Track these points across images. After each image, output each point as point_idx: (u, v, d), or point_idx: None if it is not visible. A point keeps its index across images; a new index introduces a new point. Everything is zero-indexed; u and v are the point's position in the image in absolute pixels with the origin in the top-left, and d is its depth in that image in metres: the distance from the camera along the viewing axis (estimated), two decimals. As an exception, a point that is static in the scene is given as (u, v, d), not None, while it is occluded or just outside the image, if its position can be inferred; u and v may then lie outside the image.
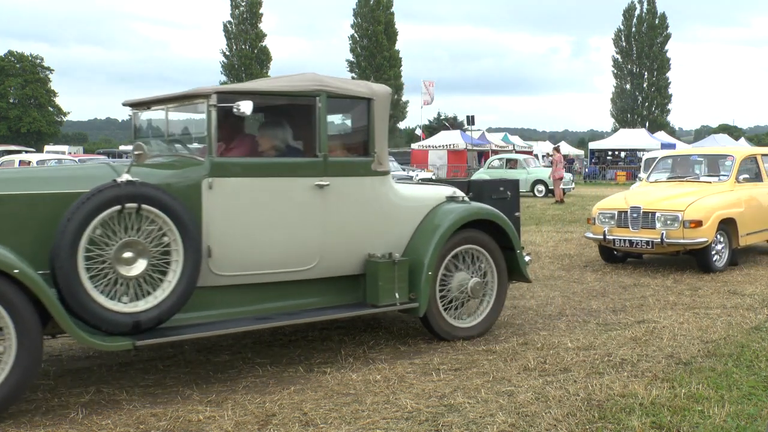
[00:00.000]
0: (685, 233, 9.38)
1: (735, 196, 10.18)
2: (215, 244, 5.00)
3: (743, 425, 4.20)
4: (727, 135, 60.01)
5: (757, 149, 12.45)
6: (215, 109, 4.98)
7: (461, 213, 6.04)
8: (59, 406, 4.57)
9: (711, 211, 9.50)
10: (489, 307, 6.31)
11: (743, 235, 10.06)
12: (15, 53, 74.73)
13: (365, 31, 73.21)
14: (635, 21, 76.14)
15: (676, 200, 9.77)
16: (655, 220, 9.54)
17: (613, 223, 9.92)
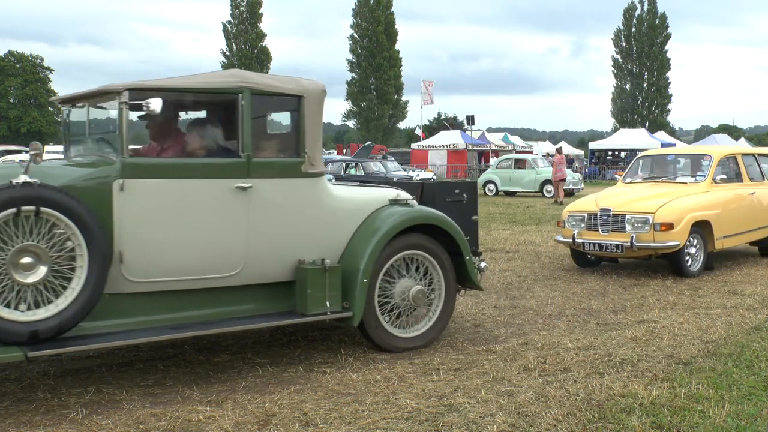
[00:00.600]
0: (656, 236, 9.00)
1: (711, 197, 9.78)
2: (128, 249, 4.73)
3: (743, 425, 4.20)
4: (727, 135, 60.03)
5: (736, 149, 12.08)
6: (127, 107, 4.72)
7: (401, 217, 5.68)
8: (59, 406, 4.57)
9: (683, 213, 9.14)
10: (436, 316, 5.97)
11: (720, 238, 9.66)
12: (15, 53, 74.76)
13: (365, 31, 73.23)
14: (635, 21, 76.17)
15: (647, 202, 9.39)
16: (626, 222, 9.17)
17: (583, 226, 9.56)
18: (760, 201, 10.69)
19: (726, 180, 10.29)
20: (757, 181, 10.92)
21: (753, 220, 10.49)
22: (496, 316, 7.11)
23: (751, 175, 10.82)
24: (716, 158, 10.31)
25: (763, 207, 10.73)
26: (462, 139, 47.84)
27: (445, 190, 6.70)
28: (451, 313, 6.16)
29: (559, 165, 25.13)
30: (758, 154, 11.68)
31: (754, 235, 10.62)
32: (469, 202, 6.76)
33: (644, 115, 76.04)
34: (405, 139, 74.51)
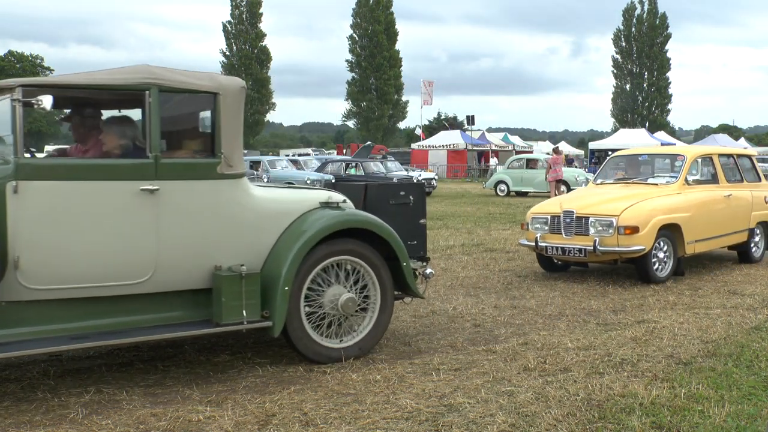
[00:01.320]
0: (620, 240, 8.53)
1: (682, 199, 9.32)
2: (24, 255, 4.46)
3: (743, 425, 4.20)
4: (727, 135, 60.03)
5: (713, 149, 11.56)
6: (20, 104, 4.42)
7: (329, 221, 5.34)
8: (59, 406, 4.57)
9: (650, 215, 8.70)
10: (371, 325, 5.63)
11: (690, 243, 9.19)
12: (15, 53, 74.82)
13: (365, 31, 73.26)
14: (635, 21, 76.17)
15: (611, 204, 8.94)
16: (589, 225, 8.72)
17: (546, 228, 9.11)
18: (737, 203, 10.22)
19: (700, 181, 9.87)
20: (736, 183, 10.51)
21: (729, 223, 10.00)
22: (496, 316, 7.11)
23: (728, 177, 10.43)
24: (690, 159, 9.84)
25: (740, 210, 10.28)
26: (462, 139, 47.88)
27: (389, 193, 6.28)
28: (389, 321, 5.79)
29: (555, 165, 25.01)
30: (737, 154, 11.28)
31: (730, 239, 10.15)
32: (416, 204, 6.34)
33: (644, 115, 76.06)
34: (405, 139, 74.54)
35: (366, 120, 74.54)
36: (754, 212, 10.51)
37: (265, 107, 73.71)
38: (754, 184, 10.89)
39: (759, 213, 10.65)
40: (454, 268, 9.94)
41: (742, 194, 10.40)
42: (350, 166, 27.28)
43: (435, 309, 7.39)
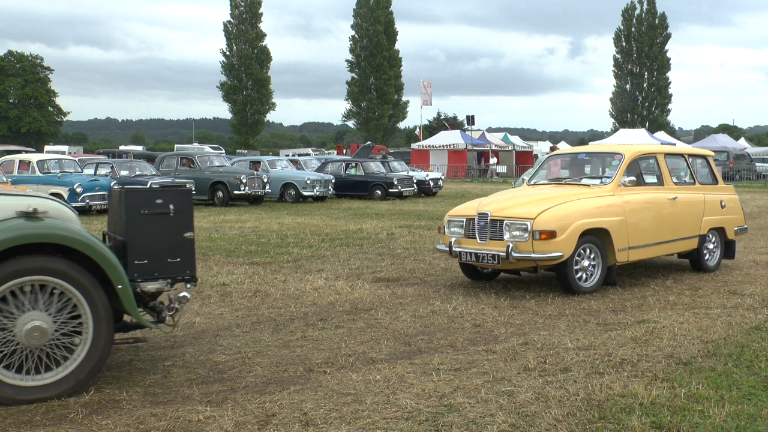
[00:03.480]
0: (535, 246, 7.78)
1: (614, 202, 8.50)
2: None
3: (743, 425, 4.20)
4: (727, 135, 60.05)
5: (657, 147, 10.45)
6: None
7: (5, 234, 4.50)
8: (59, 406, 4.57)
9: (569, 219, 7.92)
10: (81, 357, 4.74)
11: (623, 250, 8.42)
12: (15, 53, 74.84)
13: (365, 31, 73.27)
14: (635, 21, 76.17)
15: (528, 207, 8.16)
16: (504, 229, 7.99)
17: (461, 232, 8.40)
18: (685, 208, 9.41)
19: (639, 183, 9.04)
20: (686, 185, 9.74)
21: (674, 229, 9.22)
22: (496, 316, 7.11)
23: (677, 178, 9.74)
24: (627, 158, 9.00)
25: (689, 215, 9.48)
26: (462, 139, 47.85)
27: (140, 200, 5.16)
28: (106, 352, 4.85)
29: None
30: (690, 154, 10.46)
31: (676, 246, 9.38)
32: (179, 214, 5.21)
33: (644, 115, 76.05)
34: (405, 139, 74.53)
35: (366, 120, 74.56)
36: (706, 217, 9.69)
37: (265, 107, 73.72)
38: (709, 187, 10.08)
39: (712, 218, 9.81)
40: (455, 267, 9.94)
41: (691, 197, 9.59)
42: (350, 166, 27.29)
43: (435, 309, 7.39)
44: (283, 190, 24.33)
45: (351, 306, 7.54)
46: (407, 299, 7.87)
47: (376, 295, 8.06)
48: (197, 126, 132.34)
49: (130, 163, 22.95)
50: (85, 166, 21.78)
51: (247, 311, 7.32)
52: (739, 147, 50.69)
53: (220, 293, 8.22)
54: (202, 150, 46.59)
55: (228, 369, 5.39)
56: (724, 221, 10.04)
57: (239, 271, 9.78)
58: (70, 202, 18.33)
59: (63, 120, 79.57)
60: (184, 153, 26.84)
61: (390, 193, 25.55)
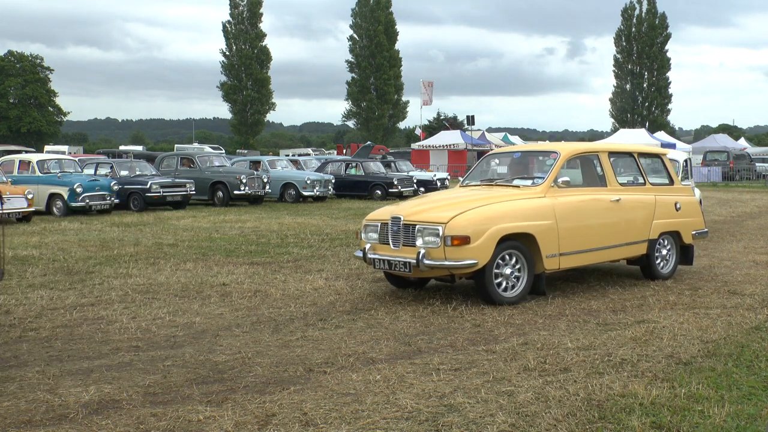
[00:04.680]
0: (448, 253, 7.17)
1: (544, 204, 7.83)
2: None
3: (743, 425, 4.20)
4: (727, 135, 60.06)
5: (600, 146, 9.55)
6: None
7: None
8: (59, 406, 4.57)
9: (486, 224, 7.29)
10: None
11: (552, 256, 7.76)
12: (15, 53, 74.82)
13: (365, 31, 73.28)
14: (635, 21, 76.18)
15: (443, 210, 7.52)
16: (416, 235, 7.42)
17: (377, 238, 7.83)
18: (631, 210, 8.75)
19: (575, 184, 8.47)
20: (634, 186, 9.12)
21: (615, 233, 8.54)
22: (496, 316, 7.11)
23: (623, 179, 9.09)
24: (563, 157, 8.32)
25: (635, 218, 8.82)
26: (462, 139, 47.84)
27: None
28: None
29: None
30: (640, 153, 9.64)
31: (619, 252, 8.70)
32: None
33: (644, 115, 76.04)
34: (405, 139, 74.53)
35: (366, 120, 74.54)
36: (657, 221, 9.01)
37: (265, 107, 73.71)
38: (663, 188, 9.39)
39: (664, 222, 9.13)
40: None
41: (639, 199, 8.93)
42: (350, 166, 27.29)
43: (435, 309, 7.39)
44: (283, 190, 24.33)
45: (351, 306, 7.54)
46: (407, 299, 7.87)
47: (376, 295, 8.06)
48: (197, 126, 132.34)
49: (130, 163, 22.96)
50: (85, 166, 21.78)
51: (247, 311, 7.32)
52: (739, 147, 50.71)
53: (220, 293, 8.22)
54: (202, 150, 46.59)
55: (228, 369, 5.39)
56: (679, 224, 9.33)
57: (239, 271, 9.78)
58: (70, 202, 18.36)
59: (63, 120, 79.56)
60: (184, 153, 26.85)
61: (390, 192, 25.56)
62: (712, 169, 40.49)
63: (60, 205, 18.62)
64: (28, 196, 16.61)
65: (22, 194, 16.51)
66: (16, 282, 8.91)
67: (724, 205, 22.15)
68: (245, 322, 6.85)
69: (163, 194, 20.45)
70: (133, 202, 20.46)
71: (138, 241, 13.02)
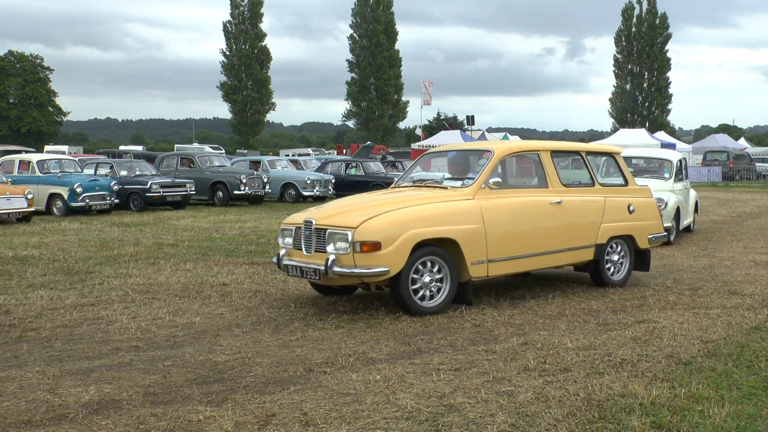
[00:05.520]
0: (357, 260, 6.70)
1: (470, 207, 7.29)
2: None
3: (743, 425, 4.20)
4: (727, 135, 60.05)
5: (540, 144, 8.79)
6: None
7: None
8: (59, 406, 4.57)
9: (400, 228, 6.78)
10: None
11: (479, 263, 7.23)
12: (15, 53, 74.81)
13: (365, 31, 73.28)
14: (635, 21, 76.18)
15: (355, 214, 7.05)
16: (327, 240, 6.97)
17: (291, 243, 7.43)
18: (575, 213, 8.14)
19: (511, 185, 8.06)
20: (580, 187, 8.48)
21: (556, 238, 7.95)
22: (496, 316, 7.11)
23: (566, 180, 8.41)
24: (496, 156, 7.77)
25: (580, 221, 8.19)
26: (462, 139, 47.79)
27: None
28: None
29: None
30: (588, 151, 8.96)
31: (561, 258, 8.11)
32: None
33: (644, 115, 76.03)
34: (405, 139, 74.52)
35: (366, 120, 74.55)
36: (606, 224, 8.40)
37: (265, 107, 73.72)
38: (614, 189, 8.83)
39: (615, 225, 8.52)
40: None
41: (585, 201, 8.31)
42: (350, 166, 27.28)
43: (435, 309, 7.38)
44: (283, 190, 24.34)
45: (351, 306, 7.54)
46: (407, 299, 7.86)
47: (376, 296, 8.05)
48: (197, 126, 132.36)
49: (130, 163, 22.96)
50: (85, 166, 21.79)
51: (247, 311, 7.32)
52: (739, 147, 50.70)
53: (220, 293, 8.22)
54: (202, 150, 46.59)
55: (228, 369, 5.39)
56: (632, 228, 8.70)
57: (239, 271, 9.78)
58: (70, 202, 18.36)
59: (63, 120, 79.55)
60: (184, 153, 26.85)
61: (390, 193, 25.48)
62: (712, 169, 40.50)
63: (60, 205, 18.63)
64: (28, 196, 16.61)
65: (22, 194, 16.52)
66: (16, 282, 8.91)
67: (724, 205, 22.15)
68: (245, 322, 6.85)
69: (163, 194, 20.46)
70: (133, 202, 20.47)
71: (138, 241, 13.02)
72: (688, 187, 14.39)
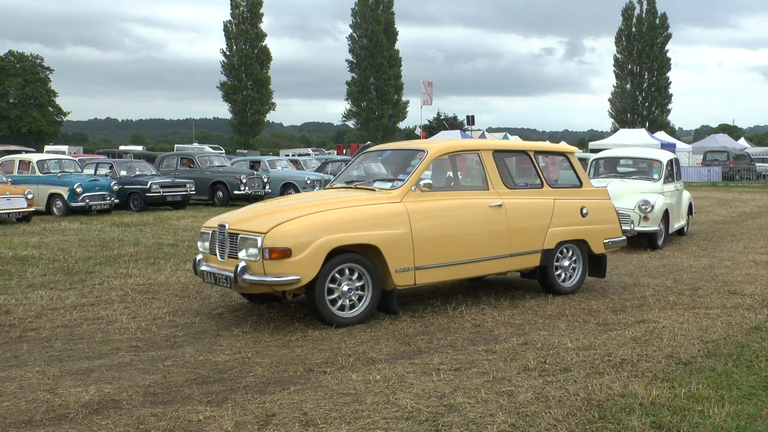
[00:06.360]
0: (267, 267, 6.29)
1: (396, 210, 6.84)
2: None
3: (743, 425, 4.20)
4: (727, 135, 60.04)
5: (483, 143, 8.45)
6: None
7: None
8: (59, 406, 4.57)
9: (313, 234, 6.37)
10: None
11: (405, 271, 6.78)
12: (15, 53, 74.80)
13: (365, 31, 73.31)
14: (635, 21, 76.18)
15: (268, 218, 6.65)
16: (239, 245, 6.56)
17: (208, 247, 7.04)
18: (518, 216, 7.64)
19: (446, 187, 7.76)
20: (527, 189, 7.98)
21: (495, 243, 7.46)
22: (496, 316, 7.11)
23: (510, 181, 7.90)
24: (429, 156, 7.32)
25: (524, 225, 7.70)
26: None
27: None
28: None
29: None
30: (537, 151, 8.35)
31: (502, 264, 7.62)
32: None
33: (644, 115, 76.03)
34: (405, 139, 74.53)
35: (366, 120, 74.55)
36: (554, 228, 7.92)
37: (265, 107, 73.71)
38: (566, 191, 8.31)
39: (565, 229, 8.03)
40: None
41: (530, 204, 7.83)
42: (350, 166, 27.23)
43: (435, 309, 7.39)
44: (283, 190, 24.30)
45: (351, 306, 7.53)
46: (407, 299, 7.87)
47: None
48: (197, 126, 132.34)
49: (130, 163, 22.97)
50: (85, 166, 21.80)
51: (247, 311, 7.32)
52: (739, 147, 50.70)
53: (220, 293, 8.22)
54: (202, 150, 46.59)
55: (228, 369, 5.39)
56: (585, 232, 8.23)
57: (239, 271, 9.77)
58: (70, 202, 18.36)
59: (63, 120, 79.54)
60: (184, 153, 26.86)
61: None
62: (712, 169, 40.48)
63: (60, 205, 18.63)
64: (28, 196, 16.61)
65: (22, 194, 16.52)
66: (16, 282, 8.91)
67: (724, 205, 22.15)
68: (245, 322, 6.85)
69: (163, 194, 20.46)
70: (133, 202, 20.47)
71: (138, 241, 13.02)
72: (680, 189, 13.81)
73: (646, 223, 11.73)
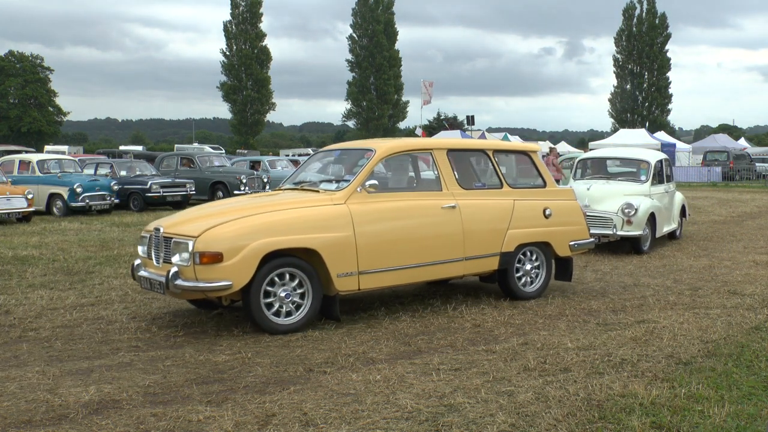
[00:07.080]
0: (198, 272, 6.06)
1: (339, 213, 6.59)
2: None
3: (743, 425, 4.20)
4: (727, 135, 60.04)
5: (436, 141, 8.19)
6: None
7: None
8: (59, 406, 4.57)
9: (246, 237, 6.13)
10: None
11: (346, 275, 6.51)
12: (15, 53, 74.82)
13: (365, 31, 73.32)
14: (635, 21, 76.19)
15: (201, 221, 6.42)
16: (173, 249, 6.34)
17: (146, 251, 6.83)
18: (473, 217, 7.34)
19: (395, 187, 7.51)
20: (485, 189, 7.69)
21: (447, 246, 7.16)
22: (496, 316, 7.11)
23: (466, 181, 7.59)
24: (377, 156, 7.04)
25: (480, 226, 7.40)
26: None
27: None
28: None
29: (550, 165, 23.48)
30: (497, 149, 8.09)
31: (455, 268, 7.29)
32: None
33: (644, 115, 76.02)
34: (405, 139, 74.43)
35: (366, 120, 74.55)
36: (514, 230, 7.61)
37: (265, 107, 73.71)
38: (527, 191, 7.97)
39: (525, 231, 7.73)
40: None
41: (486, 205, 7.53)
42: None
43: (435, 309, 7.39)
44: (283, 190, 24.31)
45: (351, 306, 7.54)
46: (407, 299, 7.87)
47: (376, 296, 8.05)
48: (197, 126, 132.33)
49: (130, 163, 22.97)
50: (85, 166, 21.80)
51: (247, 311, 7.31)
52: (739, 147, 50.69)
53: (220, 293, 8.21)
54: (202, 150, 46.58)
55: (228, 369, 5.39)
56: (549, 234, 7.93)
57: (239, 271, 9.76)
58: (70, 202, 18.36)
59: (63, 120, 79.55)
60: (184, 153, 26.86)
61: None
62: (712, 169, 40.47)
63: (60, 205, 18.63)
64: (28, 196, 16.61)
65: (22, 194, 16.52)
66: (16, 282, 8.91)
67: (724, 205, 22.14)
68: (245, 322, 6.84)
69: (163, 194, 20.47)
70: (133, 202, 20.47)
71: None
72: (670, 191, 13.03)
73: (630, 227, 11.17)
